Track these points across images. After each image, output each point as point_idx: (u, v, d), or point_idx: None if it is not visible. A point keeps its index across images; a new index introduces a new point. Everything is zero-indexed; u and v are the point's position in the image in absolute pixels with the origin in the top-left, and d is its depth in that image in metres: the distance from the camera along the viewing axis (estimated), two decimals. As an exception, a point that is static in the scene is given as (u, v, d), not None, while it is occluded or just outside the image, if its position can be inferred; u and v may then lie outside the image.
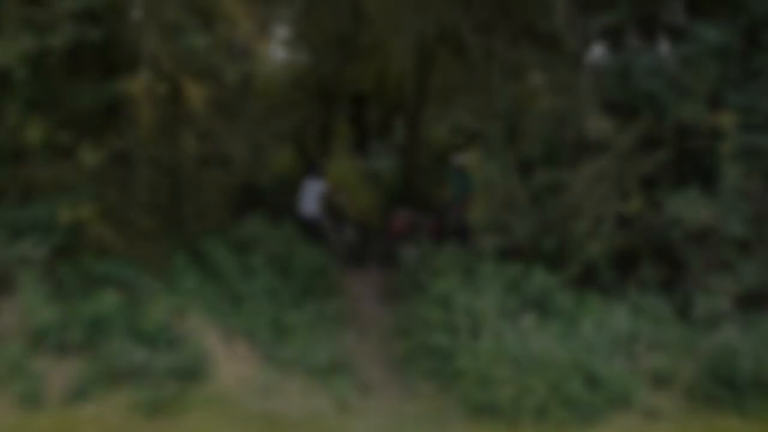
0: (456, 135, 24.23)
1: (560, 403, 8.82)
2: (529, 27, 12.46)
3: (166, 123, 11.36)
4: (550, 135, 11.85)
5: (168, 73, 10.05)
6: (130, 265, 10.47)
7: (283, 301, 11.29)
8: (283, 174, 25.56)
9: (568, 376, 8.92)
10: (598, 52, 12.46)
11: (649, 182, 11.12)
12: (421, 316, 10.29)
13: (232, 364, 9.56)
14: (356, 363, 10.01)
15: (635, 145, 10.90)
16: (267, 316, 10.49)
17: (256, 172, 24.52)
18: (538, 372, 8.91)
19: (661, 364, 9.44)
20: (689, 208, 10.33)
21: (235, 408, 9.19)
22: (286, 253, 12.44)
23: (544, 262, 11.41)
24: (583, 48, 12.08)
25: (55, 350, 9.37)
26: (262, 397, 9.39)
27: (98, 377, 9.12)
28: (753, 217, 10.67)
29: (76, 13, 9.67)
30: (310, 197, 17.51)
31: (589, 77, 11.34)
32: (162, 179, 11.73)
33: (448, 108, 16.95)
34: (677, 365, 9.45)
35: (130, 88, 9.84)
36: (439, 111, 26.79)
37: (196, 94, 10.13)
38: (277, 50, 29.62)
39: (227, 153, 11.73)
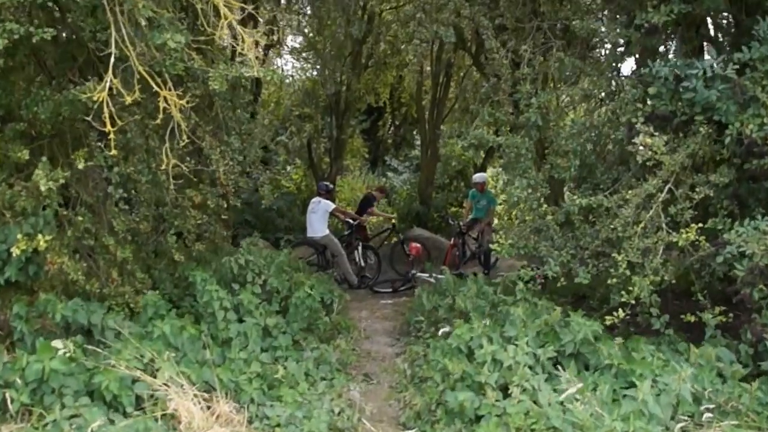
0: (476, 150, 22.60)
1: (609, 483, 7.07)
2: (563, 29, 10.75)
3: (141, 137, 9.73)
4: (586, 152, 10.10)
5: (141, 77, 8.36)
6: (96, 307, 8.79)
7: (278, 344, 9.58)
8: (291, 192, 24.03)
9: (619, 448, 7.15)
10: (640, 57, 10.69)
11: (706, 208, 9.36)
12: (440, 366, 8.53)
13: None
14: (362, 425, 8.25)
15: (689, 164, 9.14)
16: (257, 366, 8.75)
17: (254, 191, 23.32)
18: (582, 442, 7.16)
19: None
20: (755, 239, 8.52)
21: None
22: (285, 285, 10.74)
23: (580, 300, 9.74)
24: (624, 52, 10.34)
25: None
26: (248, 471, 7.72)
27: (46, 447, 7.39)
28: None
29: (25, 6, 8.07)
30: (318, 217, 15.81)
31: (631, 86, 9.59)
32: (138, 203, 10.09)
33: (468, 121, 15.00)
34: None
35: (96, 95, 8.15)
36: (458, 124, 25.20)
37: (174, 102, 8.45)
38: (287, 60, 28.66)
39: (217, 171, 10.04)
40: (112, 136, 7.92)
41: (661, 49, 10.29)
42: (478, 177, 17.53)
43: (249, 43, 8.41)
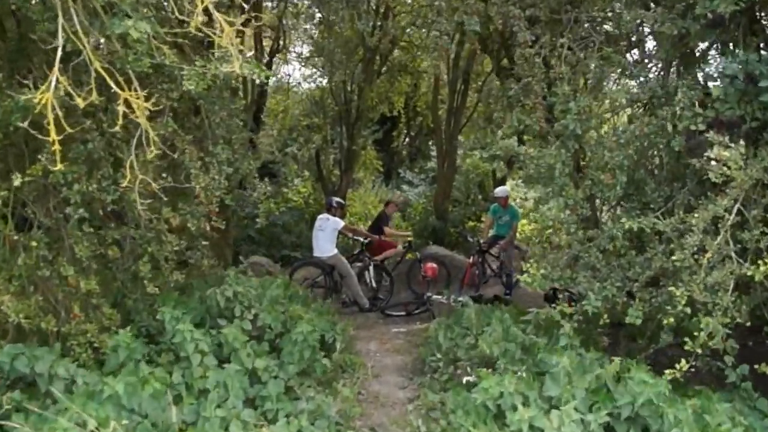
0: (501, 162, 21.18)
1: None
2: (603, 21, 9.06)
3: (108, 147, 8.11)
4: (633, 165, 8.39)
5: (98, 76, 6.71)
6: (43, 352, 7.16)
7: (267, 394, 7.86)
8: (299, 206, 22.39)
9: None
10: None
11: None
12: (461, 428, 6.81)
13: None
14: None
15: (762, 180, 7.41)
16: (238, 428, 7.01)
17: (243, 208, 21.70)
18: None
19: None
20: None
21: None
22: (279, 320, 9.06)
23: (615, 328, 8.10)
24: (678, 48, 8.63)
25: None
26: None
27: None
28: None
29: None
30: (326, 235, 14.13)
31: (688, 87, 7.87)
32: (101, 227, 8.46)
33: (492, 128, 13.13)
34: None
35: (38, 96, 6.52)
36: (480, 133, 23.57)
37: (138, 105, 6.80)
38: (294, 67, 27.18)
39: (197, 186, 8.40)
40: (56, 147, 6.21)
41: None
42: (500, 191, 15.79)
43: (228, 33, 6.75)
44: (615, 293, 8.01)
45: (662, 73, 8.62)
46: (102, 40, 7.03)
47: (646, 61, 8.83)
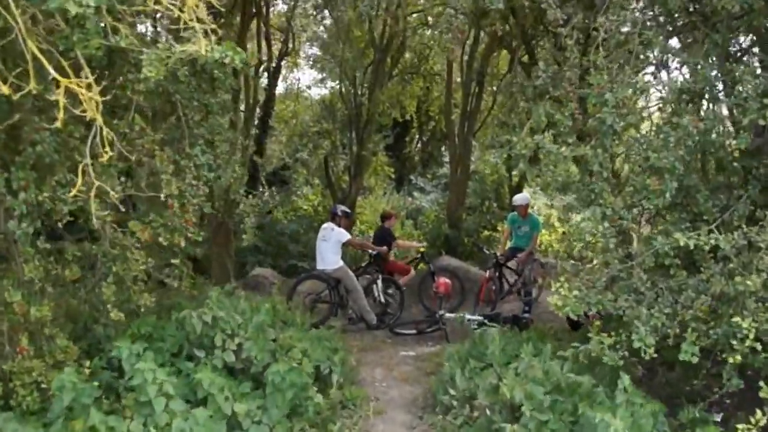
0: (522, 161, 19.48)
1: None
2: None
3: (64, 149, 6.69)
4: (683, 170, 6.87)
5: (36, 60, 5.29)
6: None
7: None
8: (307, 214, 20.95)
9: None
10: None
11: None
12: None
13: None
14: None
15: None
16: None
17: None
18: None
19: None
20: None
21: None
22: (267, 350, 7.59)
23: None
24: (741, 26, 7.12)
25: None
26: None
27: None
28: None
29: None
30: (330, 247, 12.69)
31: (751, 75, 6.37)
32: (57, 244, 7.04)
33: (515, 125, 11.50)
34: None
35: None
36: (494, 131, 22.02)
37: (85, 97, 5.39)
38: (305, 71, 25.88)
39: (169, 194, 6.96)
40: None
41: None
42: (519, 198, 14.23)
43: (191, 5, 5.31)
44: (665, 322, 6.50)
45: (717, 59, 7.07)
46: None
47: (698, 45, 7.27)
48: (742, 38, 7.24)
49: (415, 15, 19.77)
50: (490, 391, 7.09)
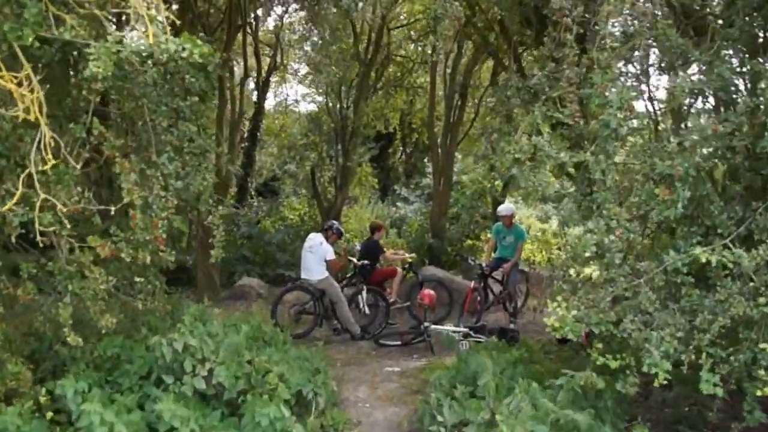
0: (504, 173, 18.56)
1: None
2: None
3: (13, 153, 5.58)
4: (699, 175, 5.79)
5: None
6: None
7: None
8: (294, 224, 19.79)
9: None
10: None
11: None
12: None
13: None
14: None
15: None
16: None
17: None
18: None
19: None
20: None
21: None
22: (241, 375, 6.47)
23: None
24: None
25: None
26: None
27: None
28: None
29: None
30: (316, 258, 11.64)
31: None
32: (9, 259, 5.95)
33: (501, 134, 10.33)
34: None
35: None
36: (476, 142, 21.02)
37: (19, 95, 4.29)
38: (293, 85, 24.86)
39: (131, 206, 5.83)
40: None
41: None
42: (504, 209, 13.14)
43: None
44: (677, 346, 5.43)
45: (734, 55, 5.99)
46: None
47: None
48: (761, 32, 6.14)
49: (398, 29, 18.86)
50: (482, 426, 5.97)
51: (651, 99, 6.89)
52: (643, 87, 6.82)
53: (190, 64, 6.70)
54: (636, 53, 6.21)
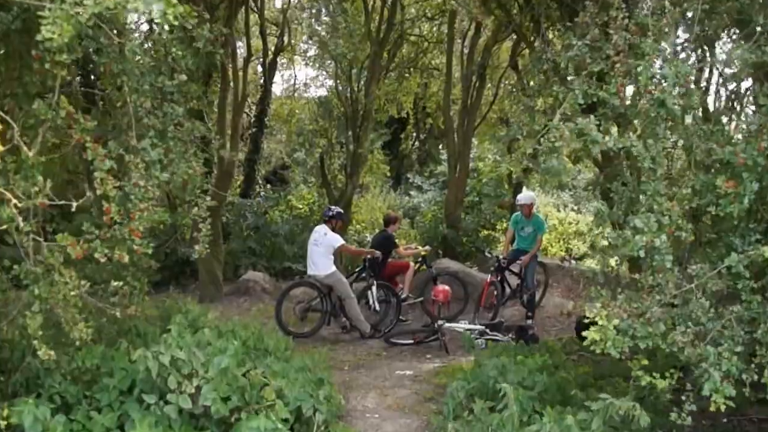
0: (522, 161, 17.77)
1: None
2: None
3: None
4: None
5: None
6: None
7: None
8: (303, 214, 19.00)
9: None
10: None
11: None
12: None
13: None
14: None
15: None
16: None
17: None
18: None
19: None
20: None
21: None
22: (234, 394, 5.69)
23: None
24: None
25: None
26: None
27: None
28: None
29: None
30: (322, 252, 10.92)
31: None
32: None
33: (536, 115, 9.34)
34: None
35: None
36: (494, 127, 20.20)
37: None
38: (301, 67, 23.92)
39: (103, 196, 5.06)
40: None
41: None
42: (523, 197, 12.26)
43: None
44: (737, 363, 4.62)
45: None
46: None
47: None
48: None
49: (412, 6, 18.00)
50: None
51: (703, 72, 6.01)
52: (693, 59, 5.96)
53: (177, 39, 5.97)
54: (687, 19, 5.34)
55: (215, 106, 14.82)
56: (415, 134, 26.14)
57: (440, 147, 24.50)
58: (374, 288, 11.45)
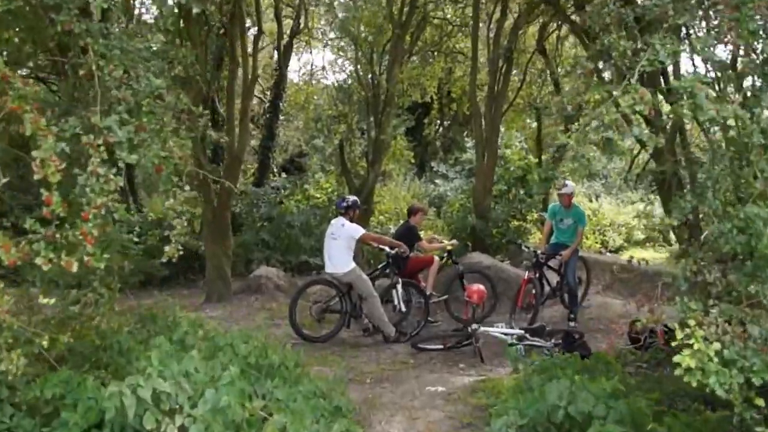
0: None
1: None
2: None
3: None
4: None
5: None
6: None
7: None
8: (321, 204, 17.79)
9: None
10: None
11: None
12: None
13: None
14: None
15: None
16: None
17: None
18: None
19: None
20: None
21: None
22: (232, 424, 4.48)
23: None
24: None
25: None
26: None
27: None
28: None
29: None
30: (341, 246, 9.75)
31: None
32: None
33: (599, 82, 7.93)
34: None
35: None
36: (522, 113, 18.97)
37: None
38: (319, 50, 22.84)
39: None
40: None
41: None
42: (565, 186, 10.99)
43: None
44: None
45: None
46: None
47: None
48: None
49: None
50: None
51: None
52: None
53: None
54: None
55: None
56: (439, 120, 24.88)
57: (465, 134, 23.24)
58: (399, 286, 10.23)
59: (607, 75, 5.66)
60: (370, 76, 16.25)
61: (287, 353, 6.16)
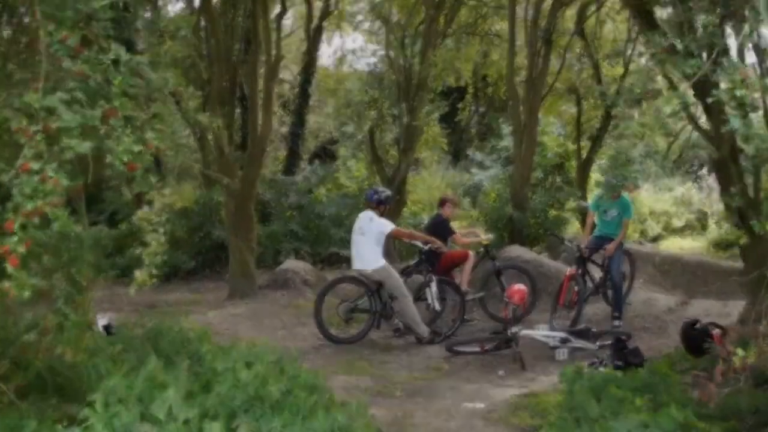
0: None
1: None
2: None
3: None
4: None
5: None
6: None
7: None
8: (352, 193, 16.92)
9: None
10: None
11: None
12: None
13: None
14: None
15: None
16: None
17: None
18: None
19: None
20: None
21: None
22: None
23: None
24: None
25: None
26: None
27: None
28: None
29: None
30: (370, 242, 8.95)
31: None
32: None
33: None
34: None
35: None
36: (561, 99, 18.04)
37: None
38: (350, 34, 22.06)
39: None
40: None
41: None
42: (613, 177, 9.96)
43: None
44: None
45: None
46: None
47: None
48: None
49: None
50: None
51: None
52: None
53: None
54: None
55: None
56: (474, 106, 23.91)
57: (501, 120, 22.34)
58: (434, 284, 9.36)
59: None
60: (401, 59, 15.36)
61: (307, 371, 5.25)
